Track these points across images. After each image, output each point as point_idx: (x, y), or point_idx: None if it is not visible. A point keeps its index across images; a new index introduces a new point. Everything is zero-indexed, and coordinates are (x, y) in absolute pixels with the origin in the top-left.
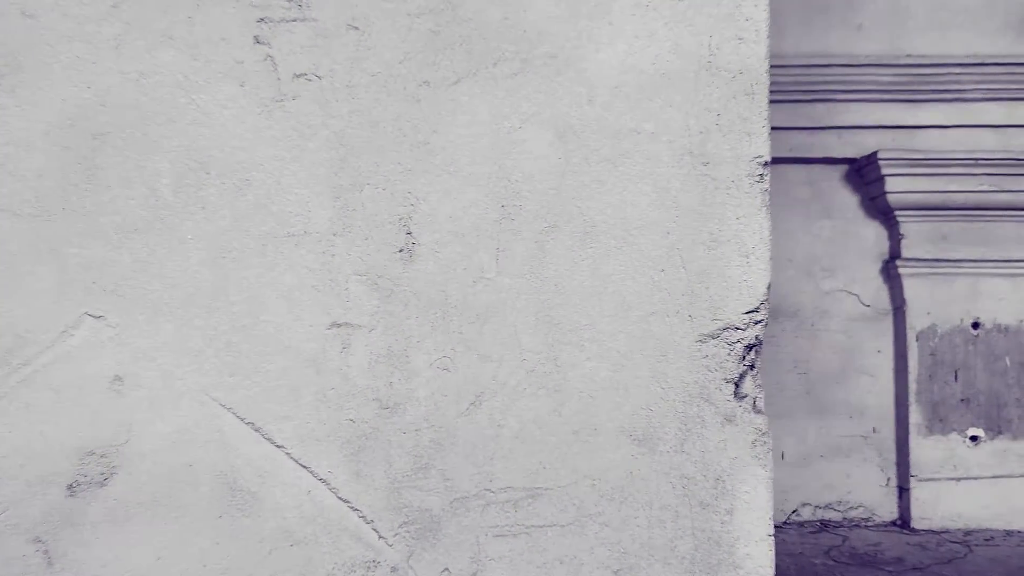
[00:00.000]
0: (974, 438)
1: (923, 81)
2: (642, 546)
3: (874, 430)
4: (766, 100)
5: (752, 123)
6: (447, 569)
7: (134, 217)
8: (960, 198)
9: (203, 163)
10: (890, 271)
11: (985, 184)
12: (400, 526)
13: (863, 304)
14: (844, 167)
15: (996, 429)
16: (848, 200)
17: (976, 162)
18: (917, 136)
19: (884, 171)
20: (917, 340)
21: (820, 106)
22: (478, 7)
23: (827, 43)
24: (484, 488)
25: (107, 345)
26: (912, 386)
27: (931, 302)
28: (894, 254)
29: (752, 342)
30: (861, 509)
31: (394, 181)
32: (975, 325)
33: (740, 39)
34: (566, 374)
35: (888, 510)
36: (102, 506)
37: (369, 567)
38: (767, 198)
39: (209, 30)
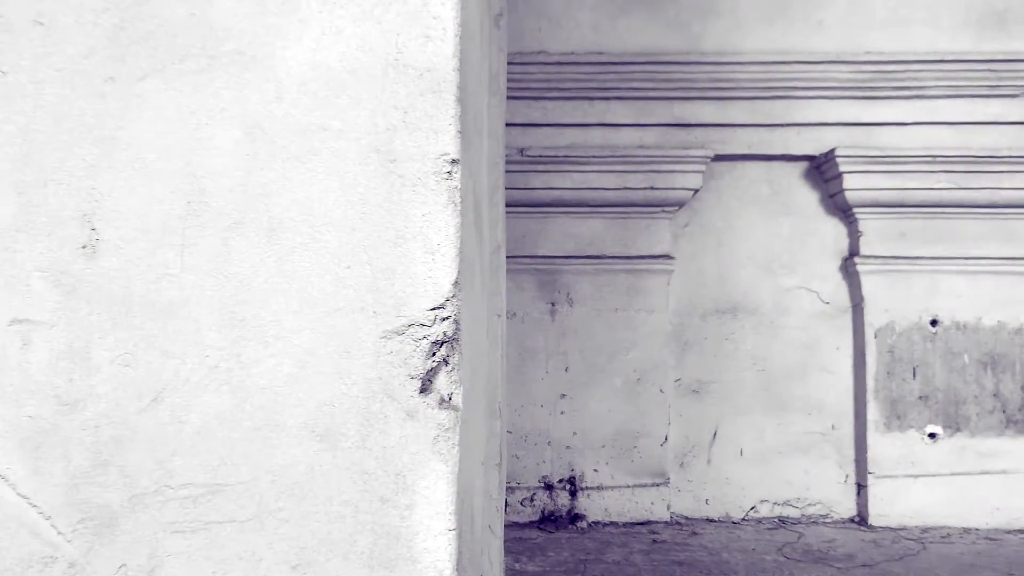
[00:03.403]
0: (932, 435)
1: (883, 78)
2: (321, 541)
3: (833, 427)
4: (454, 98)
5: (439, 121)
6: (125, 565)
7: None
8: (919, 195)
9: None
10: (849, 268)
11: (944, 182)
12: (79, 522)
13: (822, 301)
14: (804, 164)
15: (954, 426)
16: (808, 197)
17: (935, 159)
18: (876, 133)
19: (842, 168)
20: (875, 337)
21: (779, 103)
22: (163, 3)
23: (787, 39)
24: (164, 484)
25: None
26: (870, 383)
27: (889, 299)
28: (853, 251)
29: (440, 338)
30: (819, 506)
31: (79, 177)
32: (933, 322)
33: (427, 37)
34: (249, 370)
35: (846, 507)
36: None
37: (46, 563)
38: (455, 195)
39: None
